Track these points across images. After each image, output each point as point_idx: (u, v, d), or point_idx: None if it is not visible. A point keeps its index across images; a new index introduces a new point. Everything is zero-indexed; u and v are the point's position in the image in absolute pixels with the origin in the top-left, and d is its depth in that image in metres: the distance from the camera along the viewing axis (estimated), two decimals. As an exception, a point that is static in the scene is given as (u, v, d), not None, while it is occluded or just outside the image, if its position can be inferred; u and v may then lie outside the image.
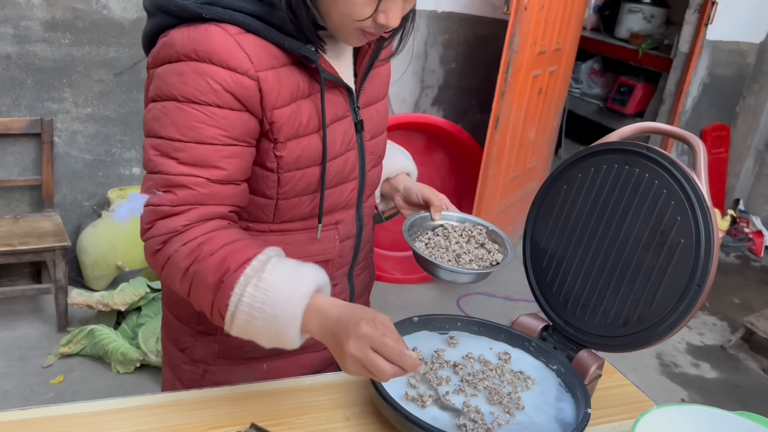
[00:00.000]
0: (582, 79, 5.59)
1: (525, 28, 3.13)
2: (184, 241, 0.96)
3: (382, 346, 0.88)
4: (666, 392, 3.05)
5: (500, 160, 3.42)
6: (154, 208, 0.97)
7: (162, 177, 0.97)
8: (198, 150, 0.96)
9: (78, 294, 2.74)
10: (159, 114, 0.97)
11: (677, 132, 1.15)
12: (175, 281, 0.99)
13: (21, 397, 2.45)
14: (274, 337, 0.95)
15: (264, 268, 0.94)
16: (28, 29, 2.78)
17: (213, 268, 0.94)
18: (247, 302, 0.93)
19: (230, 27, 0.96)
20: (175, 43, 0.96)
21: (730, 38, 4.41)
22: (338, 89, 1.09)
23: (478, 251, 1.23)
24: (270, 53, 0.98)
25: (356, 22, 0.98)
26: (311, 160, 1.06)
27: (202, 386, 1.20)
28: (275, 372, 1.22)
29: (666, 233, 1.11)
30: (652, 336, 1.11)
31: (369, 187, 1.22)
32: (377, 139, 1.20)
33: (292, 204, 1.09)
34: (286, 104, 1.01)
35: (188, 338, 1.21)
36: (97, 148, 3.08)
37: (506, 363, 1.19)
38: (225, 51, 0.94)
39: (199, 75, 0.94)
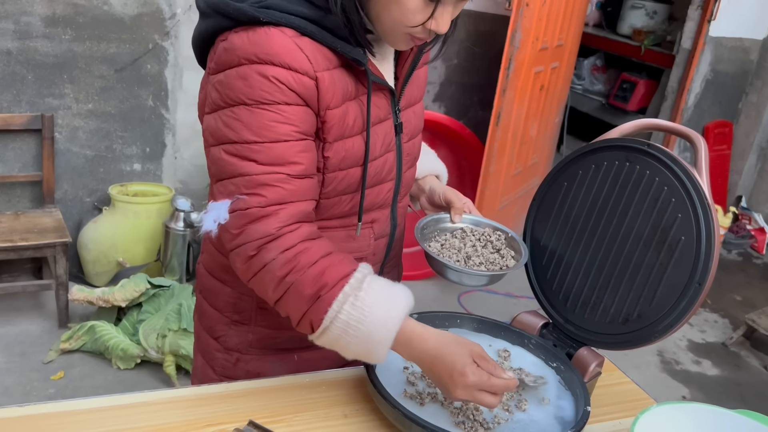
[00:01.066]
0: (584, 76, 5.58)
1: (527, 24, 3.12)
2: (281, 249, 0.98)
3: (490, 387, 0.97)
4: (667, 389, 3.04)
5: (502, 156, 3.41)
6: (242, 213, 0.98)
7: (244, 179, 0.98)
8: (275, 148, 0.98)
9: (79, 290, 2.74)
10: (229, 120, 0.98)
11: (678, 128, 1.14)
12: (267, 288, 1.00)
13: (21, 393, 2.45)
14: (364, 353, 1.00)
15: (361, 287, 0.98)
16: (29, 25, 2.78)
17: (311, 280, 0.97)
18: (343, 319, 0.97)
19: (287, 30, 0.97)
20: (236, 47, 0.97)
21: (733, 34, 4.40)
22: (382, 92, 1.11)
23: (492, 255, 1.21)
24: (324, 55, 1.00)
25: (407, 28, 1.00)
26: (354, 160, 1.08)
27: (234, 374, 1.24)
28: (305, 363, 1.24)
29: (666, 230, 1.10)
30: (653, 334, 1.11)
31: (404, 187, 1.24)
32: (413, 141, 1.22)
33: (333, 203, 1.11)
34: (338, 105, 1.03)
35: (223, 327, 1.23)
36: (98, 144, 3.08)
37: (506, 360, 1.19)
38: (286, 53, 0.96)
39: (263, 77, 0.96)
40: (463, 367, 0.97)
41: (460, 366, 0.97)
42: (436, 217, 1.28)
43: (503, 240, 1.25)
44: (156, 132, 3.16)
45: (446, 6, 1.00)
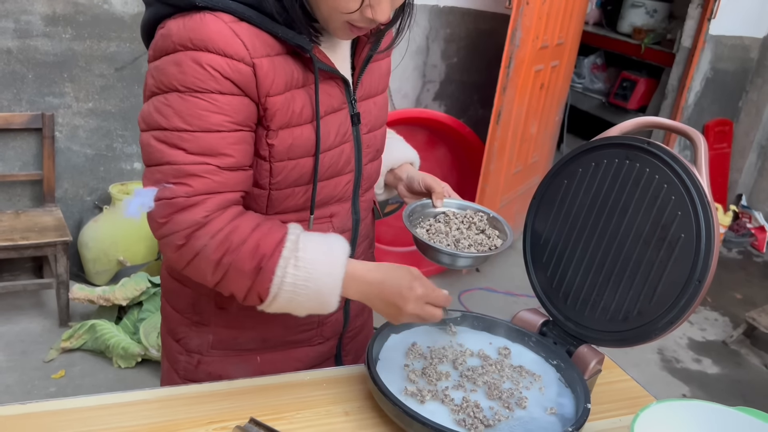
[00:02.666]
0: (584, 74, 5.57)
1: (527, 22, 3.12)
2: (210, 234, 0.97)
3: (435, 299, 1.06)
4: (667, 387, 3.04)
5: (502, 155, 3.41)
6: (168, 202, 0.97)
7: (171, 168, 0.97)
8: (205, 138, 0.96)
9: (79, 289, 2.74)
10: (161, 106, 0.97)
11: (678, 126, 1.14)
12: (205, 274, 1.00)
13: (23, 392, 2.45)
14: (317, 306, 1.03)
15: (297, 248, 1.00)
16: (29, 24, 2.78)
17: (248, 256, 0.98)
18: (290, 282, 0.99)
19: (224, 15, 0.96)
20: (171, 33, 0.96)
21: (733, 33, 4.40)
22: (334, 81, 1.09)
23: (478, 237, 1.23)
24: (264, 41, 0.99)
25: (344, 15, 0.98)
26: (304, 150, 1.06)
27: (197, 376, 1.22)
28: (269, 364, 1.23)
29: (666, 228, 1.10)
30: (652, 331, 1.11)
31: (366, 180, 1.21)
32: (375, 133, 1.20)
33: (285, 195, 1.09)
34: (281, 92, 1.01)
35: (184, 328, 1.22)
36: (99, 143, 3.08)
37: (506, 358, 1.19)
38: (220, 39, 0.95)
39: (197, 63, 0.95)
40: (410, 281, 1.04)
41: (407, 282, 1.04)
42: (421, 203, 1.28)
43: (485, 221, 1.27)
44: (156, 131, 3.16)
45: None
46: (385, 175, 1.36)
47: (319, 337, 1.26)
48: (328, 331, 1.27)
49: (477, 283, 3.57)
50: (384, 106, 1.23)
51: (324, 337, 1.27)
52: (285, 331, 1.22)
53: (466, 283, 3.56)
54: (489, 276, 3.64)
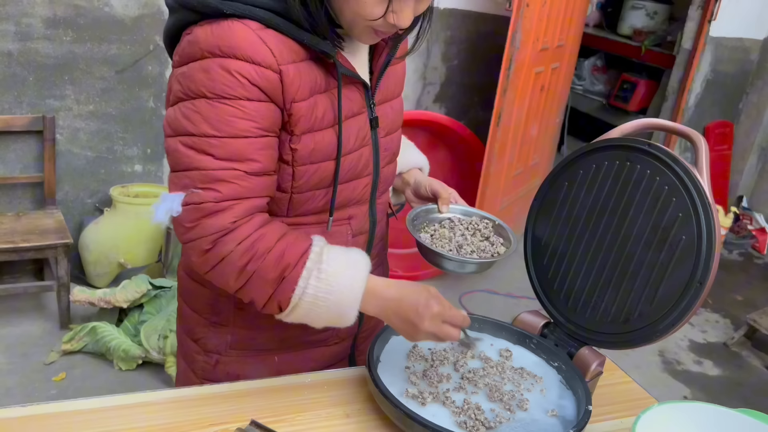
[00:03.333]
0: (585, 76, 5.58)
1: (527, 24, 3.13)
2: (237, 241, 0.98)
3: (452, 318, 1.05)
4: (669, 390, 3.04)
5: (502, 157, 3.41)
6: (196, 207, 0.98)
7: (200, 173, 0.98)
8: (233, 144, 0.97)
9: (80, 291, 2.74)
10: (188, 112, 0.98)
11: (679, 128, 1.15)
12: (228, 279, 1.01)
13: (23, 394, 2.45)
14: (335, 318, 1.04)
15: (321, 260, 1.01)
16: (30, 26, 2.78)
17: (272, 264, 0.99)
18: (311, 293, 1.00)
19: (251, 22, 0.97)
20: (199, 40, 0.98)
21: (734, 35, 4.40)
22: (355, 85, 1.11)
23: (482, 243, 1.23)
24: (290, 48, 1.00)
25: (368, 21, 1.00)
26: (325, 154, 1.08)
27: (215, 376, 1.23)
28: (286, 365, 1.24)
29: (667, 230, 1.10)
30: (654, 333, 1.11)
31: (383, 183, 1.23)
32: (392, 136, 1.22)
33: (306, 198, 1.11)
34: (305, 98, 1.03)
35: (202, 329, 1.23)
36: (99, 146, 3.08)
37: (507, 360, 1.19)
38: (248, 46, 0.96)
39: (226, 70, 0.96)
40: (427, 300, 1.04)
41: (424, 300, 1.04)
42: (425, 208, 1.29)
43: (491, 228, 1.27)
44: (157, 133, 3.17)
45: (405, 1, 0.99)
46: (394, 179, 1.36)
47: (335, 337, 1.27)
48: (344, 331, 1.28)
49: (478, 286, 3.57)
50: (400, 109, 1.25)
51: (339, 337, 1.28)
52: (302, 331, 1.22)
53: (467, 285, 3.55)
54: (490, 278, 3.64)
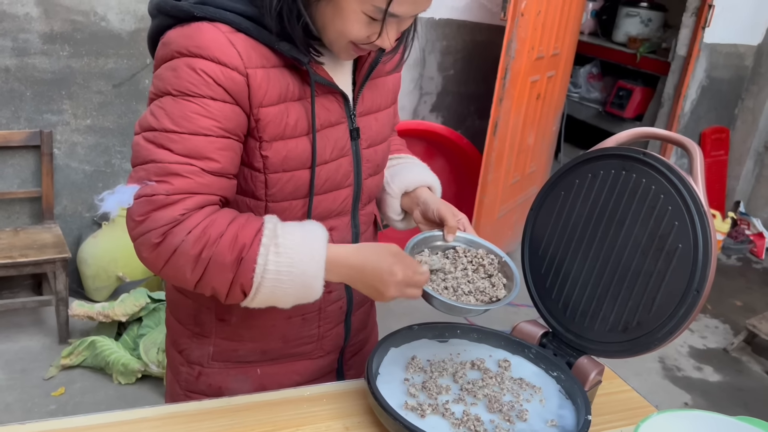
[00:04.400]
0: (581, 84, 5.59)
1: (522, 34, 3.14)
2: (187, 230, 0.96)
3: (416, 282, 1.06)
4: (669, 396, 3.04)
5: (499, 165, 3.42)
6: (147, 199, 0.96)
7: (156, 165, 0.97)
8: (193, 141, 0.97)
9: (79, 305, 2.74)
10: (155, 108, 0.99)
11: (673, 137, 1.15)
12: (185, 271, 0.98)
13: (23, 410, 2.44)
14: (302, 292, 1.01)
15: (276, 234, 0.99)
16: (27, 42, 2.79)
17: (227, 248, 0.96)
18: (272, 269, 0.98)
19: (222, 25, 0.98)
20: (170, 41, 0.99)
21: (728, 41, 4.42)
22: (333, 95, 1.10)
23: (482, 283, 1.16)
24: (260, 53, 1.00)
25: (350, 40, 1.01)
26: (299, 162, 1.07)
27: (197, 388, 1.22)
28: (269, 377, 1.23)
29: (664, 238, 1.10)
30: (652, 342, 1.11)
31: (366, 195, 1.22)
32: (375, 148, 1.20)
33: (282, 207, 1.10)
34: (273, 104, 1.02)
35: (185, 340, 1.23)
36: (97, 159, 3.08)
37: (506, 370, 1.19)
38: (216, 47, 0.97)
39: (192, 69, 0.97)
40: (390, 266, 1.03)
41: (387, 266, 1.03)
42: (427, 236, 1.21)
43: (496, 264, 1.19)
44: (154, 146, 3.17)
45: (390, 24, 1.00)
46: (400, 198, 1.32)
47: (319, 350, 1.26)
48: (329, 344, 1.27)
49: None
50: (387, 122, 1.24)
51: (324, 350, 1.27)
52: (284, 344, 1.22)
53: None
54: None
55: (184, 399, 1.24)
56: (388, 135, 1.25)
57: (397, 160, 1.35)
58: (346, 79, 1.14)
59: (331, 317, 1.25)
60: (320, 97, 1.08)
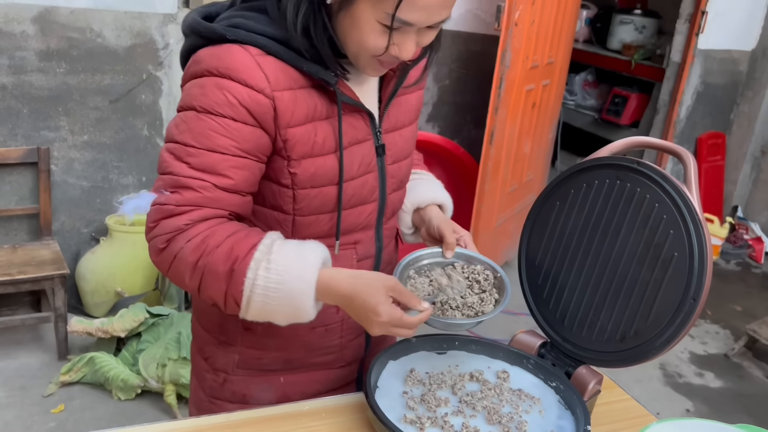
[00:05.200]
0: (576, 91, 5.61)
1: (516, 43, 3.15)
2: (188, 238, 1.00)
3: (403, 324, 1.02)
4: (671, 403, 3.03)
5: (496, 174, 3.43)
6: (159, 207, 1.02)
7: (171, 178, 1.02)
8: (209, 157, 1.01)
9: (77, 321, 2.73)
10: (179, 121, 1.03)
11: (667, 145, 1.16)
12: (184, 277, 1.02)
13: (22, 428, 2.43)
14: (292, 312, 1.02)
15: (271, 251, 1.01)
16: (24, 59, 2.80)
17: (222, 258, 0.99)
18: (261, 284, 0.99)
19: (252, 48, 1.02)
20: (201, 60, 1.03)
21: (722, 47, 4.44)
22: (359, 113, 1.13)
23: (472, 299, 1.17)
24: (288, 75, 1.03)
25: (371, 53, 1.02)
26: (327, 179, 1.10)
27: (222, 394, 1.26)
28: (292, 386, 1.25)
29: (659, 247, 1.11)
30: (650, 350, 1.11)
31: (390, 209, 1.24)
32: (399, 164, 1.23)
33: (309, 222, 1.13)
34: (300, 124, 1.05)
35: (211, 347, 1.25)
36: (95, 175, 3.09)
37: (505, 381, 1.19)
38: (244, 69, 1.00)
39: (219, 88, 1.00)
40: (376, 306, 1.00)
41: (372, 305, 1.00)
42: (426, 252, 1.24)
43: (492, 281, 1.21)
44: (152, 161, 3.17)
45: (407, 34, 1.01)
46: (412, 214, 1.35)
47: (340, 360, 1.28)
48: (350, 355, 1.29)
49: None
50: (411, 138, 1.26)
51: (345, 360, 1.29)
52: (307, 353, 1.24)
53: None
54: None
55: (209, 405, 1.27)
56: (411, 150, 1.28)
57: (413, 175, 1.37)
58: (371, 97, 1.17)
59: (353, 328, 1.27)
60: (347, 116, 1.10)
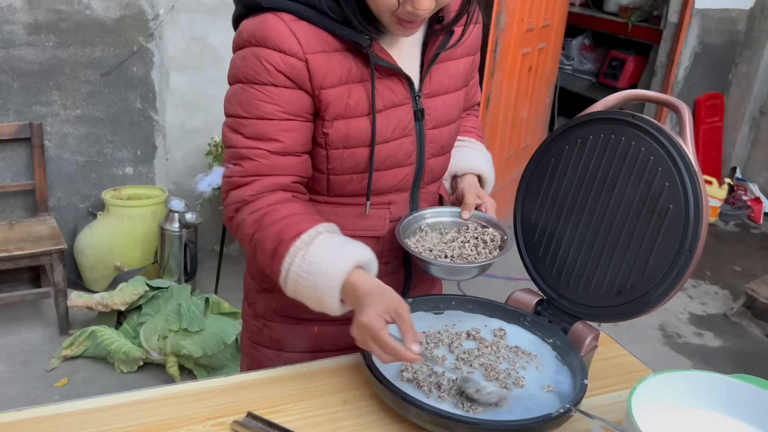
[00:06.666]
0: (573, 56, 5.56)
1: (511, 5, 3.11)
2: (251, 211, 1.09)
3: (377, 339, 0.98)
4: (671, 363, 3.05)
5: (493, 140, 3.41)
6: (228, 180, 1.12)
7: (232, 150, 1.11)
8: (258, 125, 1.08)
9: (77, 296, 2.74)
10: (230, 95, 1.11)
11: (661, 98, 1.14)
12: (244, 243, 1.13)
13: (26, 402, 2.45)
14: (317, 303, 1.07)
15: (312, 242, 1.05)
16: (12, 33, 2.77)
17: (271, 237, 1.07)
18: (294, 270, 1.05)
19: (285, 15, 1.06)
20: (241, 31, 1.09)
21: (720, 5, 4.39)
22: (397, 77, 1.14)
23: (467, 251, 1.21)
24: (322, 39, 1.07)
25: (389, 11, 1.04)
26: (359, 141, 1.13)
27: (261, 339, 1.32)
28: (325, 336, 1.28)
29: (655, 200, 1.10)
30: (646, 303, 1.11)
31: (428, 174, 1.25)
32: (441, 129, 1.23)
33: (344, 180, 1.17)
34: (334, 86, 1.09)
35: (254, 294, 1.32)
36: (89, 150, 3.07)
37: (501, 339, 1.19)
38: (277, 35, 1.05)
39: (256, 58, 1.06)
40: (367, 307, 0.99)
41: (365, 306, 1.00)
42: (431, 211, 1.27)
43: (498, 242, 1.23)
44: (146, 134, 3.16)
45: None
46: (450, 181, 1.38)
47: None
48: None
49: (476, 270, 3.57)
50: (455, 104, 1.26)
51: None
52: None
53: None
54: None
55: (250, 350, 1.35)
56: (456, 117, 1.27)
57: (460, 142, 1.38)
58: (411, 61, 1.18)
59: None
60: (384, 79, 1.13)
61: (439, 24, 1.16)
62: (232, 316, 2.70)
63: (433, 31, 1.17)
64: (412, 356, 0.97)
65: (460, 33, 1.19)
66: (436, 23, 1.17)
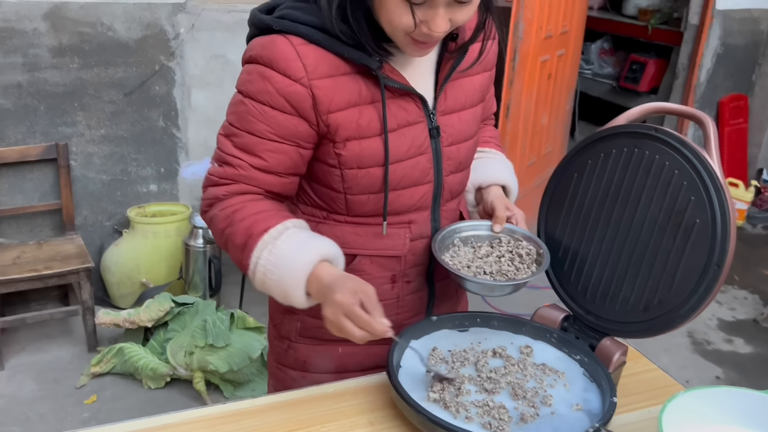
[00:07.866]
0: (593, 60, 5.53)
1: (529, 14, 3.10)
2: (222, 207, 1.13)
3: (351, 313, 1.02)
4: (700, 370, 3.00)
5: (514, 148, 3.39)
6: (209, 176, 1.17)
7: (219, 153, 1.15)
8: (247, 138, 1.11)
9: (105, 314, 2.77)
10: (232, 102, 1.15)
11: (684, 110, 1.13)
12: (217, 237, 1.17)
13: (57, 419, 2.48)
14: (284, 296, 1.10)
15: (280, 237, 1.09)
16: (37, 56, 2.82)
17: (241, 232, 1.10)
18: (262, 264, 1.09)
19: (294, 38, 1.07)
20: (251, 48, 1.12)
21: (741, 6, 4.33)
22: (410, 96, 1.15)
23: (506, 267, 1.20)
24: (330, 63, 1.08)
25: (404, 32, 1.03)
26: (373, 161, 1.14)
27: (286, 361, 1.33)
28: (350, 357, 1.28)
29: (681, 214, 1.09)
30: (674, 319, 1.09)
31: (447, 191, 1.25)
32: (458, 146, 1.23)
33: (361, 200, 1.17)
34: (342, 109, 1.10)
35: (279, 315, 1.33)
36: (113, 168, 3.11)
37: (528, 356, 1.18)
38: (283, 59, 1.07)
39: (261, 77, 1.09)
40: (339, 287, 1.03)
41: (335, 287, 1.03)
42: (464, 225, 1.27)
43: (534, 256, 1.23)
44: (169, 152, 3.19)
45: (434, 9, 1.01)
46: (474, 193, 1.37)
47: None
48: None
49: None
50: (472, 120, 1.25)
51: None
52: None
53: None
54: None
55: (277, 371, 1.36)
56: (474, 132, 1.27)
57: (481, 153, 1.38)
58: (426, 79, 1.18)
59: (410, 306, 1.29)
60: (397, 98, 1.13)
61: (453, 41, 1.16)
62: (257, 331, 2.71)
63: (447, 48, 1.16)
64: (383, 329, 1.02)
65: (478, 51, 1.19)
66: (450, 40, 1.16)
